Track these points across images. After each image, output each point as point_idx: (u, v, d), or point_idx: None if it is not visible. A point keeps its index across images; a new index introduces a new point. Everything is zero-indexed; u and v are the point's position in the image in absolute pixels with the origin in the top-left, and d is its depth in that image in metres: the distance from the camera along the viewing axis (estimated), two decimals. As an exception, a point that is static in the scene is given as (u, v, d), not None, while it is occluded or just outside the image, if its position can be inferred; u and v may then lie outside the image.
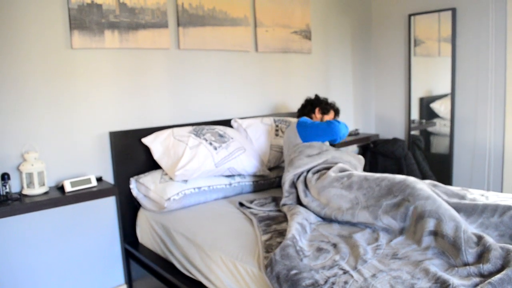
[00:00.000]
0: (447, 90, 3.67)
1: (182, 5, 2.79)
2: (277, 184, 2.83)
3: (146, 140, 2.56)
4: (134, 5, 2.59)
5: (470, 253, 1.48)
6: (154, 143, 2.54)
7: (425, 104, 3.91)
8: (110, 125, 2.56)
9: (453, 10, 3.55)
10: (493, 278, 1.30)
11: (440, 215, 1.66)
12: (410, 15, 3.86)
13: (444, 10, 3.61)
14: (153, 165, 2.62)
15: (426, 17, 3.77)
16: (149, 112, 2.72)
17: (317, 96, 2.88)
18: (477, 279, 1.34)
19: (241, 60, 3.17)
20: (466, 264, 1.46)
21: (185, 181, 2.43)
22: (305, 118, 2.62)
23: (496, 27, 3.32)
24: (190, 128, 2.63)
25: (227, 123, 2.98)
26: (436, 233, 1.62)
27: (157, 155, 2.53)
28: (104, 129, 2.54)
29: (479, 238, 1.53)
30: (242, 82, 3.20)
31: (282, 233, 1.85)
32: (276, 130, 2.96)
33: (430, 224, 1.65)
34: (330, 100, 2.88)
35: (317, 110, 2.80)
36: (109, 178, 2.57)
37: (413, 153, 3.88)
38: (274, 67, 3.40)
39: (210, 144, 2.52)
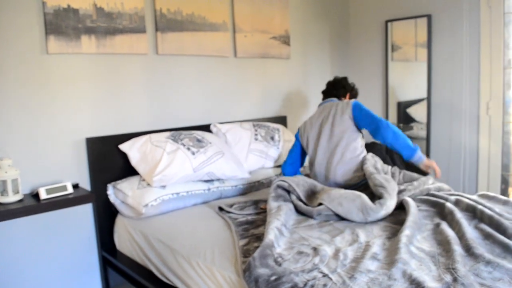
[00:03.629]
0: (424, 94, 3.73)
1: (160, 10, 2.78)
2: (257, 187, 2.83)
3: (123, 147, 2.54)
4: (112, 10, 2.57)
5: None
6: (132, 149, 2.52)
7: (403, 109, 3.96)
8: (86, 131, 2.53)
9: (429, 17, 3.62)
10: (465, 280, 1.34)
11: None
12: (387, 21, 3.92)
13: (420, 16, 3.68)
14: (131, 171, 2.59)
15: (403, 23, 3.83)
16: (127, 118, 2.70)
17: (346, 79, 2.84)
18: (449, 280, 1.37)
19: (220, 66, 3.18)
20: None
21: (163, 186, 2.41)
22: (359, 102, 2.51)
23: (470, 32, 3.39)
24: (168, 133, 2.62)
25: (206, 128, 2.97)
26: None
27: (134, 161, 2.51)
28: (80, 135, 2.51)
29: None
30: (221, 88, 3.19)
31: (259, 238, 1.85)
32: (256, 135, 2.97)
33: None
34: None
35: (348, 95, 2.77)
36: (85, 185, 2.53)
37: (391, 156, 3.93)
38: (253, 73, 3.41)
39: (188, 149, 2.51)
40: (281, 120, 3.57)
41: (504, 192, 3.40)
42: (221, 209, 2.35)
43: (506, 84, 3.30)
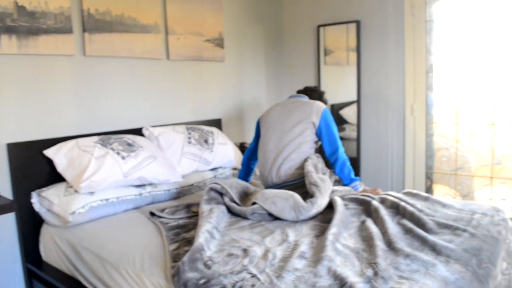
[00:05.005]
0: (355, 97, 3.87)
1: (87, 10, 2.69)
2: (191, 191, 2.81)
3: (48, 152, 2.42)
4: (35, 9, 2.45)
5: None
6: (58, 155, 2.41)
7: (336, 111, 4.09)
8: (7, 136, 2.39)
9: (358, 23, 3.76)
10: (384, 273, 1.41)
11: None
12: (319, 26, 4.03)
13: (350, 22, 3.81)
14: (57, 178, 2.47)
15: (334, 28, 3.95)
16: (53, 122, 2.57)
17: (324, 94, 2.93)
18: (370, 274, 1.43)
19: (152, 68, 3.12)
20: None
21: (92, 193, 2.33)
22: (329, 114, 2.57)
23: (395, 38, 3.57)
24: (96, 138, 2.53)
25: (138, 131, 2.91)
26: None
27: (60, 167, 2.40)
28: (0, 141, 2.36)
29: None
30: (154, 90, 3.14)
31: (190, 241, 1.83)
32: (189, 138, 2.94)
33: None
34: None
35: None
36: (7, 193, 2.38)
37: (324, 157, 4.04)
38: (187, 75, 3.38)
39: (118, 153, 2.44)
40: (216, 123, 3.57)
41: (429, 188, 3.60)
42: (152, 214, 2.30)
43: (429, 87, 3.50)
